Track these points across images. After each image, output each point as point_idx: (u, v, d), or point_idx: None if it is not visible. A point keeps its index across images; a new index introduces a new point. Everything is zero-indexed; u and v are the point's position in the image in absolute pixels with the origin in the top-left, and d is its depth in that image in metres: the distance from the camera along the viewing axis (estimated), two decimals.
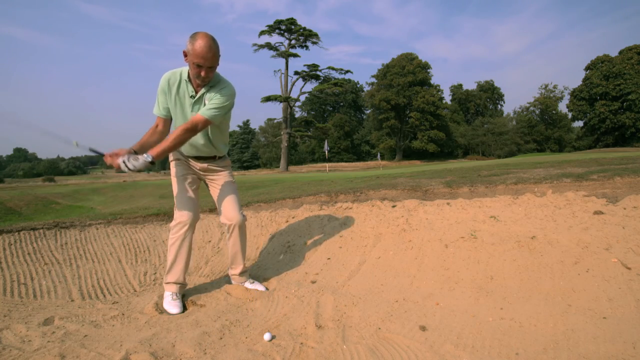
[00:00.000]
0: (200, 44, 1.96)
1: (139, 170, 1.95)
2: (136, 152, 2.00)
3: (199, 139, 2.25)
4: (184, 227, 2.22)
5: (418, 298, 2.04)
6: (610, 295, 1.76)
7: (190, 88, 2.15)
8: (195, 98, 2.15)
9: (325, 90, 31.81)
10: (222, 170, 2.42)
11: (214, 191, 2.42)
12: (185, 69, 2.16)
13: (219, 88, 2.15)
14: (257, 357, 1.55)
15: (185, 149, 2.30)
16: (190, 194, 2.29)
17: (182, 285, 2.29)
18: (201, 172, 2.38)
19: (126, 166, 1.89)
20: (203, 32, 2.00)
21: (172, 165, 2.36)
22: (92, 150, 2.04)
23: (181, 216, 2.23)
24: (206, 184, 2.48)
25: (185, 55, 2.04)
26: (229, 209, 2.34)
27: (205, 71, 2.03)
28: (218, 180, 2.40)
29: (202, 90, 2.14)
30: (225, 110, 2.15)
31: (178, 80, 2.15)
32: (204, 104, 2.14)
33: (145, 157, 1.93)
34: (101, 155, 1.99)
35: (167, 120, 2.25)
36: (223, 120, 2.28)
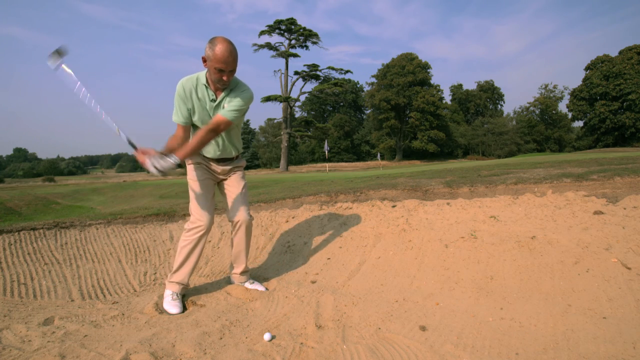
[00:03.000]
0: (220, 48, 1.97)
1: (165, 173, 1.91)
2: (163, 154, 1.99)
3: (222, 139, 2.29)
4: (200, 232, 2.23)
5: (418, 298, 2.04)
6: (610, 295, 1.76)
7: (211, 92, 2.16)
8: (217, 102, 2.18)
9: (325, 90, 31.76)
10: (237, 170, 2.48)
11: (227, 189, 2.45)
12: (201, 74, 2.16)
13: (239, 91, 2.18)
14: (257, 357, 1.55)
15: (211, 151, 2.32)
16: (209, 198, 2.31)
17: (185, 286, 2.30)
18: (222, 176, 2.41)
19: (154, 167, 1.88)
20: (221, 36, 2.02)
21: (191, 168, 2.33)
22: (129, 142, 2.01)
23: (199, 221, 2.23)
24: (218, 184, 2.51)
25: (205, 61, 2.06)
26: (238, 207, 2.38)
27: (227, 75, 2.06)
28: (232, 179, 2.45)
29: (223, 94, 2.17)
30: (243, 112, 2.20)
31: (195, 86, 2.16)
32: (224, 107, 2.18)
33: (172, 158, 1.94)
34: (134, 148, 1.98)
35: (187, 127, 2.23)
36: (239, 121, 2.33)
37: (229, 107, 2.14)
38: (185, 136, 2.23)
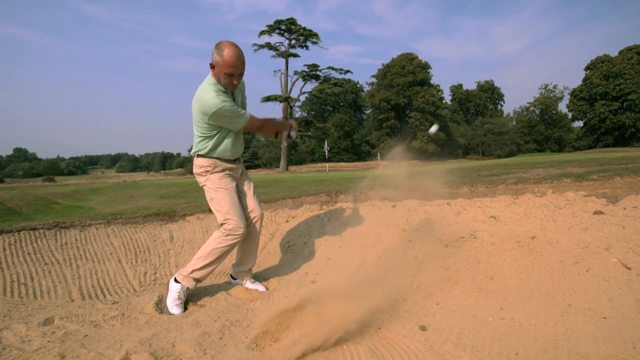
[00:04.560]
0: (228, 53, 1.99)
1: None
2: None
3: (241, 135, 2.37)
4: (238, 238, 2.25)
5: (418, 298, 2.04)
6: (610, 295, 1.76)
7: (229, 94, 2.19)
8: (235, 99, 2.26)
9: (325, 90, 31.71)
10: (244, 170, 2.53)
11: (242, 188, 2.47)
12: (213, 84, 2.10)
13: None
14: (257, 357, 1.55)
15: (239, 150, 2.36)
16: (240, 205, 2.34)
17: (200, 283, 2.33)
18: (238, 176, 2.45)
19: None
20: (227, 41, 2.03)
21: (217, 177, 2.32)
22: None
23: (240, 228, 2.24)
24: None
25: (213, 67, 2.06)
26: (254, 203, 2.44)
27: (237, 79, 2.09)
28: (244, 178, 2.49)
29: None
30: None
31: (221, 94, 2.12)
32: (240, 96, 2.33)
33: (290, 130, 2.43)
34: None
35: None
36: None
37: (245, 95, 2.37)
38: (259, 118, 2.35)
